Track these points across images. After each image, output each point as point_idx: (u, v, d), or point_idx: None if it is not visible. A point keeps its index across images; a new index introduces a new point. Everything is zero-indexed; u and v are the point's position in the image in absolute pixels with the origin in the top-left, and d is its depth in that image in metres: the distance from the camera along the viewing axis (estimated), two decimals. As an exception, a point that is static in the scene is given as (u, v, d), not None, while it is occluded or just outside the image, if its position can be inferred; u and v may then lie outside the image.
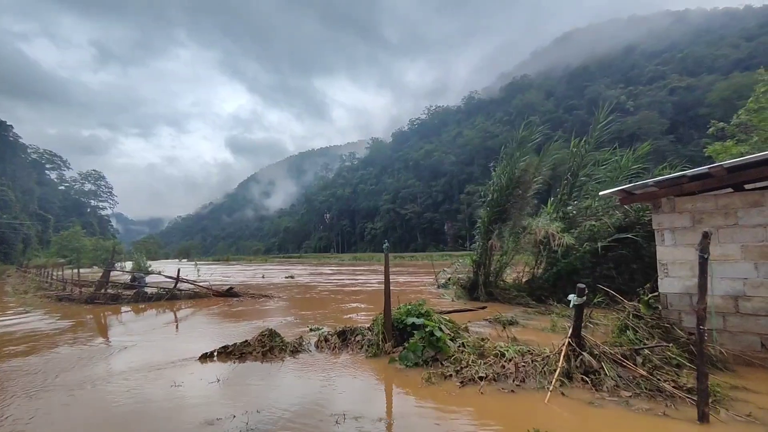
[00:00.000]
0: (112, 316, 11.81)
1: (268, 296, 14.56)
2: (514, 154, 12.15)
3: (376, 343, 6.36)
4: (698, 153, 38.56)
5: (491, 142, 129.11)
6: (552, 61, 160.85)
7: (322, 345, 6.79)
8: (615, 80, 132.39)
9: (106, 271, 14.36)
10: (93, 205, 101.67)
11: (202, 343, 7.47)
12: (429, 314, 6.50)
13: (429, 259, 36.76)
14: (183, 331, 9.11)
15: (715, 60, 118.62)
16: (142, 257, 24.62)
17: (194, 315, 11.56)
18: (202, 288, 14.92)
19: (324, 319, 9.73)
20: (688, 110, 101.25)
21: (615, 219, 10.63)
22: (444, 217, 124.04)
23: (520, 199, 12.23)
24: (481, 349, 5.74)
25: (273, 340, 6.74)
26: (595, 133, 11.71)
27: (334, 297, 14.97)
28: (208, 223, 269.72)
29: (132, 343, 7.59)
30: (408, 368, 5.46)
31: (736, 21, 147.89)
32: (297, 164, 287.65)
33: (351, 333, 7.03)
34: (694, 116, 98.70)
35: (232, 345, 6.53)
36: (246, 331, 8.53)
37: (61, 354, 6.99)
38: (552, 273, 11.16)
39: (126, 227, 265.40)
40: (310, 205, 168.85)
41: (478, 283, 12.48)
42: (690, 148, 72.54)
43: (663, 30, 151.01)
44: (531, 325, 8.64)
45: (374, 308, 11.36)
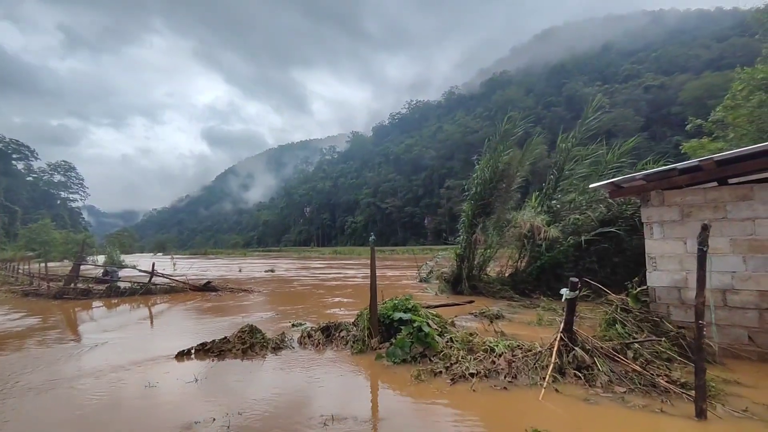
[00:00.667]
0: (83, 312, 11.29)
1: (248, 291, 14.18)
2: (497, 147, 12.07)
3: (361, 338, 6.15)
4: (671, 150, 39.43)
5: (471, 137, 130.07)
6: (531, 57, 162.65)
7: (306, 341, 6.55)
8: (592, 78, 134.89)
9: (75, 265, 13.72)
10: (63, 197, 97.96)
11: (179, 341, 7.14)
12: (416, 309, 6.33)
13: (411, 253, 36.80)
14: (158, 327, 8.72)
15: (687, 60, 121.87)
16: (115, 250, 23.69)
17: (170, 310, 11.14)
18: (178, 282, 14.42)
19: (306, 315, 9.48)
20: (661, 108, 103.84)
21: (598, 213, 10.69)
22: (424, 211, 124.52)
23: (504, 193, 12.18)
24: (470, 345, 5.61)
25: (254, 336, 6.47)
26: (582, 128, 11.72)
27: (316, 292, 14.70)
28: (184, 216, 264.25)
29: (104, 341, 7.19)
30: (396, 365, 5.28)
31: (707, 22, 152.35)
32: (276, 157, 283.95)
33: (335, 328, 6.81)
34: (667, 114, 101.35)
35: (211, 342, 6.23)
36: (225, 327, 8.21)
37: (28, 353, 6.55)
38: (536, 267, 11.15)
39: (98, 220, 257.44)
40: (289, 199, 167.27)
41: (461, 277, 12.40)
42: (663, 145, 74.14)
43: (638, 29, 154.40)
44: (517, 319, 8.58)
45: (357, 303, 11.16)
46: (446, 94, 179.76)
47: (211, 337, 7.03)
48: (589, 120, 11.65)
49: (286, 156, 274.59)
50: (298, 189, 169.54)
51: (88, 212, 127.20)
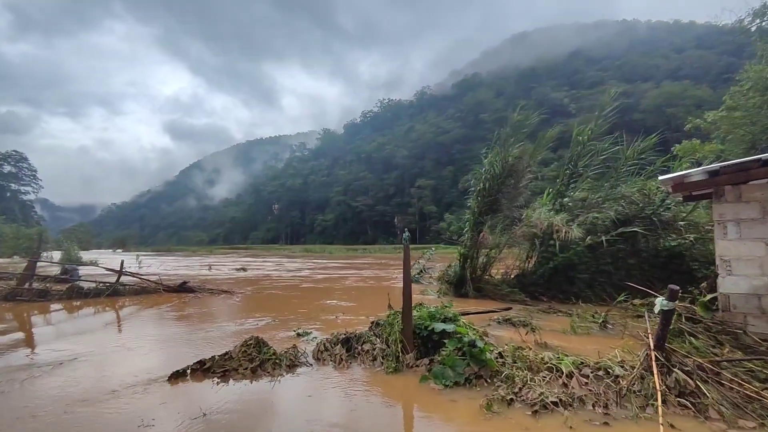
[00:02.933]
0: (39, 316, 9.75)
1: (229, 292, 12.84)
2: (507, 140, 11.33)
3: (392, 354, 5.19)
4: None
5: (443, 137, 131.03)
6: (502, 61, 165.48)
7: (323, 356, 5.51)
8: (560, 83, 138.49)
9: (31, 262, 12.00)
10: (13, 189, 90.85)
11: (164, 356, 5.97)
12: (457, 318, 5.42)
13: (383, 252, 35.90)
14: (134, 337, 7.36)
15: (648, 69, 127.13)
16: (73, 246, 21.59)
17: (144, 315, 9.74)
18: (150, 282, 12.93)
19: (306, 321, 8.39)
20: (624, 115, 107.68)
21: (615, 212, 10.12)
22: (395, 210, 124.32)
23: (512, 189, 11.46)
24: (527, 362, 4.75)
25: (261, 351, 5.38)
26: (598, 120, 11.15)
27: (305, 294, 13.52)
28: (146, 211, 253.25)
29: (70, 356, 5.88)
30: (447, 389, 4.34)
31: (667, 34, 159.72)
32: (244, 153, 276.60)
33: (356, 340, 5.80)
34: (629, 120, 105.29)
35: (210, 359, 5.10)
36: (216, 337, 7.04)
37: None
38: (548, 268, 10.48)
39: (53, 214, 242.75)
40: (258, 195, 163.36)
41: (465, 278, 11.61)
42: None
43: (604, 39, 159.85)
44: (544, 326, 7.79)
45: (357, 307, 10.18)
46: (418, 94, 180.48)
47: (202, 349, 5.97)
48: (606, 112, 11.08)
49: (254, 151, 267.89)
50: (267, 186, 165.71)
51: (41, 206, 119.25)
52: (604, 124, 11.17)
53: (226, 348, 6.08)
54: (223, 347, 6.17)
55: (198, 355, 5.76)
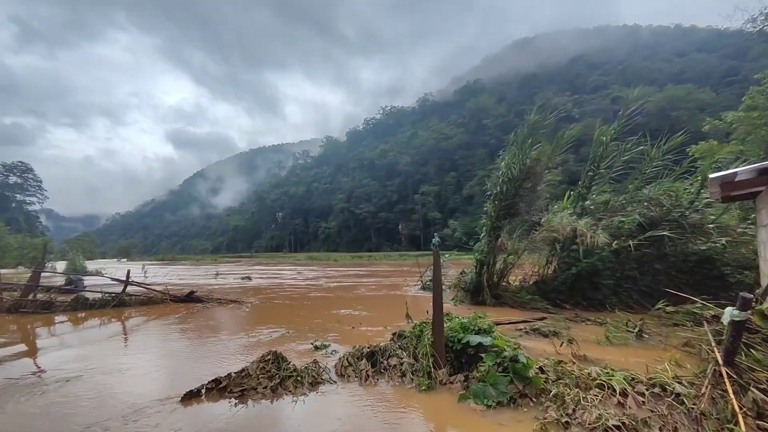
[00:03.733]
0: (44, 328, 9.37)
1: (238, 302, 12.43)
2: (524, 141, 10.95)
3: (423, 369, 4.79)
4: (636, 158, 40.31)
5: (446, 143, 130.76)
6: (503, 67, 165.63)
7: (347, 372, 5.11)
8: (562, 88, 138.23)
9: (35, 273, 11.63)
10: (19, 199, 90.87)
11: (175, 371, 5.58)
12: (491, 330, 5.02)
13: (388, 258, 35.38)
14: (142, 351, 6.98)
15: (651, 73, 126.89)
16: (78, 256, 21.24)
17: (151, 327, 9.33)
18: (156, 292, 12.55)
19: (322, 332, 7.98)
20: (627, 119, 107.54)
21: (640, 215, 9.71)
22: (398, 217, 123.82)
23: (530, 192, 11.07)
24: (572, 378, 4.34)
25: (280, 367, 4.99)
26: (621, 120, 10.77)
27: (317, 303, 13.08)
28: (149, 221, 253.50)
29: (75, 373, 5.50)
30: (490, 409, 3.93)
31: (668, 39, 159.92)
32: (247, 161, 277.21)
33: (381, 354, 5.40)
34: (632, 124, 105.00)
35: (226, 377, 4.71)
36: (230, 350, 6.64)
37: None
38: (570, 274, 10.04)
39: (57, 224, 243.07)
40: (261, 204, 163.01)
41: (482, 285, 11.19)
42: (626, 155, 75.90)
43: (605, 43, 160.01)
44: (575, 336, 7.36)
45: (373, 316, 9.77)
46: (420, 101, 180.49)
47: (214, 364, 5.60)
48: (630, 111, 10.69)
49: (257, 160, 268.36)
50: (270, 194, 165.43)
51: (46, 216, 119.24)
52: (627, 124, 10.77)
53: (241, 363, 5.71)
54: (237, 363, 5.80)
55: (211, 372, 5.38)
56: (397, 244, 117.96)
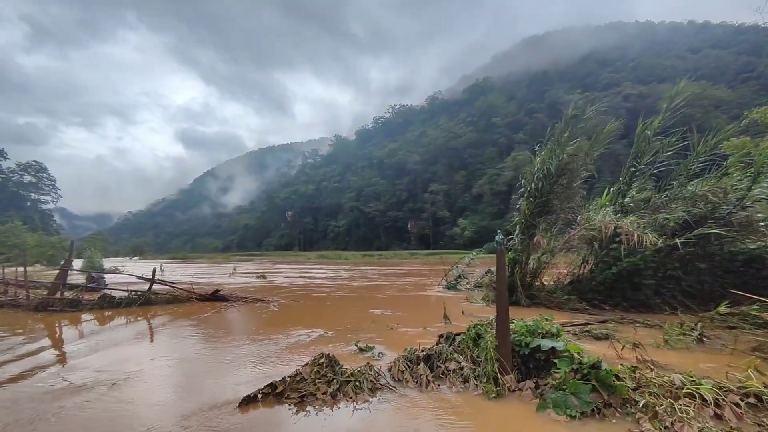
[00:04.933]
0: (74, 328, 9.23)
1: (265, 301, 12.23)
2: (560, 136, 10.61)
3: (489, 374, 4.51)
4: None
5: (455, 142, 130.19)
6: (512, 65, 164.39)
7: (404, 376, 4.85)
8: (573, 86, 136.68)
9: (62, 271, 11.52)
10: (34, 198, 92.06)
11: (221, 374, 5.35)
12: (560, 333, 4.73)
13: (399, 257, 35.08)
14: (180, 352, 6.72)
15: (664, 70, 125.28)
16: (96, 254, 21.23)
17: (183, 327, 9.11)
18: (182, 291, 12.40)
19: (361, 333, 7.72)
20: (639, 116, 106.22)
21: (684, 212, 9.33)
22: (408, 216, 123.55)
23: (565, 189, 10.73)
24: (654, 386, 4.04)
25: (334, 370, 4.76)
26: (666, 113, 10.38)
27: (345, 303, 12.76)
28: (161, 219, 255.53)
29: (121, 375, 5.28)
30: (574, 420, 3.66)
31: (681, 35, 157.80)
32: (257, 160, 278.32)
33: (437, 357, 5.14)
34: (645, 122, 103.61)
35: (281, 381, 4.47)
36: (271, 352, 6.42)
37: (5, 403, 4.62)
38: (610, 274, 9.69)
39: (71, 223, 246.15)
40: (271, 203, 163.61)
41: (516, 285, 10.88)
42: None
43: (617, 40, 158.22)
44: (626, 339, 7.03)
45: (407, 317, 9.51)
46: (429, 99, 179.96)
47: (258, 367, 5.43)
48: (675, 104, 10.29)
49: (267, 159, 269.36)
50: (280, 192, 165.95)
51: (59, 215, 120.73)
52: (672, 117, 10.36)
53: (286, 366, 5.52)
54: (283, 365, 5.59)
55: (258, 374, 5.19)
56: (406, 242, 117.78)
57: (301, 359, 5.84)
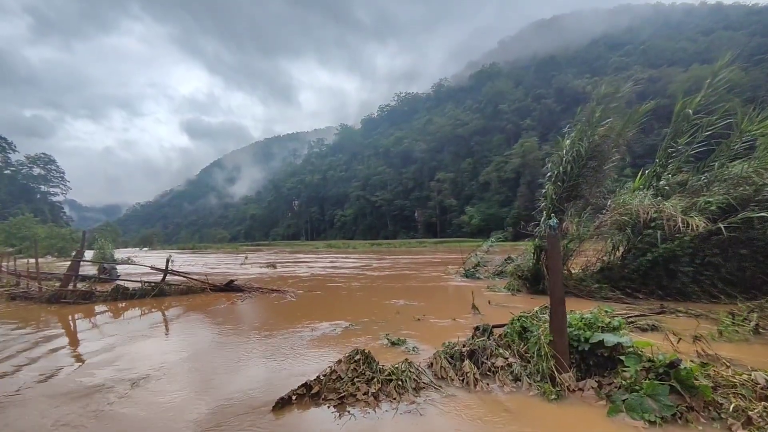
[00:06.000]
0: (87, 320, 8.91)
1: (280, 291, 11.88)
2: (591, 116, 10.07)
3: (543, 373, 4.10)
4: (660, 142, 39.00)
5: (461, 129, 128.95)
6: (520, 50, 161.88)
7: (447, 373, 4.45)
8: (581, 70, 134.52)
9: (74, 262, 11.21)
10: (43, 190, 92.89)
11: (246, 371, 4.98)
12: (621, 327, 4.30)
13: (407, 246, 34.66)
14: (199, 346, 6.29)
15: (674, 53, 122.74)
16: (107, 245, 21.02)
17: (201, 319, 8.75)
18: (196, 281, 12.09)
19: (387, 324, 7.33)
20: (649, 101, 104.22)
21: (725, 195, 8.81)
22: (414, 204, 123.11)
23: (595, 173, 10.21)
24: (737, 385, 3.61)
25: (371, 367, 4.37)
26: (708, 89, 9.78)
27: (363, 293, 12.32)
28: (168, 210, 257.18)
29: (141, 373, 4.93)
30: (655, 426, 3.24)
31: (692, 17, 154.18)
32: (263, 150, 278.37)
33: (481, 353, 4.73)
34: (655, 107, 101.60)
35: (316, 380, 4.09)
36: (298, 345, 6.04)
37: (22, 407, 4.27)
38: (645, 261, 9.21)
39: (80, 214, 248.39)
40: (277, 192, 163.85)
41: (542, 273, 10.44)
42: (652, 137, 73.28)
43: (625, 23, 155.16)
44: (675, 330, 6.58)
45: (432, 308, 9.12)
46: (435, 87, 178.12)
47: (287, 362, 5.12)
48: (717, 79, 9.68)
49: (273, 149, 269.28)
50: (286, 182, 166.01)
51: (69, 206, 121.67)
52: (713, 95, 9.77)
53: (315, 361, 5.16)
54: (312, 361, 5.23)
55: (284, 371, 4.84)
56: (413, 231, 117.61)
57: (331, 354, 5.48)
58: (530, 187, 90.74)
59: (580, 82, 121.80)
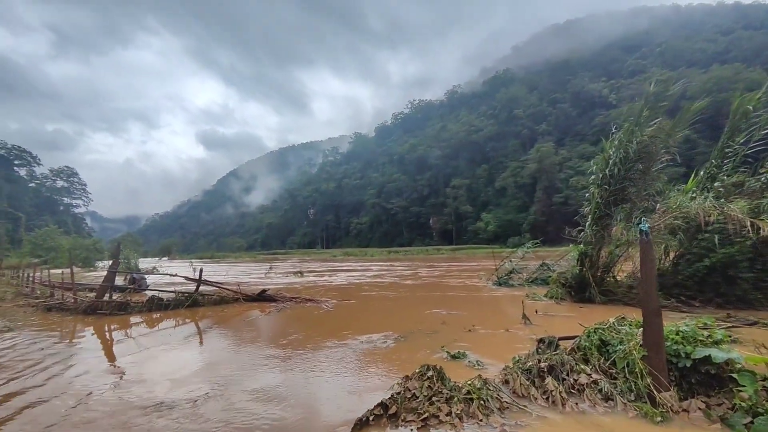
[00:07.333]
0: (128, 332, 8.69)
1: (315, 301, 11.64)
2: (639, 117, 9.67)
3: (639, 391, 3.75)
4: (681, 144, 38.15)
5: (476, 135, 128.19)
6: (534, 55, 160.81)
7: (528, 391, 4.12)
8: (597, 74, 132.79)
9: (110, 273, 11.15)
10: (66, 202, 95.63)
11: (306, 388, 4.71)
12: (724, 340, 3.92)
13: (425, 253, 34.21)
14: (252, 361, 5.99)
15: (693, 54, 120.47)
16: (132, 255, 21.16)
17: (239, 330, 8.54)
18: (229, 291, 11.94)
19: (436, 335, 7.02)
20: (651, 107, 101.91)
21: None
22: (430, 211, 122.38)
23: (642, 175, 9.78)
24: None
25: (445, 385, 4.07)
26: None
27: (400, 302, 12.00)
28: (186, 220, 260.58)
29: (200, 390, 4.68)
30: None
31: (710, 16, 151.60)
32: (278, 159, 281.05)
33: (560, 367, 4.39)
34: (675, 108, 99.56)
35: (391, 399, 3.80)
36: (352, 359, 5.76)
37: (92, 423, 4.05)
38: (701, 266, 8.74)
39: (101, 225, 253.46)
40: (293, 201, 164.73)
41: (586, 280, 10.01)
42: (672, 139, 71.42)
43: (641, 25, 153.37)
44: (746, 341, 6.10)
45: (475, 317, 8.77)
46: (449, 93, 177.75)
47: (346, 379, 4.79)
48: None
49: (288, 158, 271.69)
50: (302, 191, 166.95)
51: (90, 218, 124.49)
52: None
53: (377, 377, 4.90)
54: (374, 376, 4.95)
55: (349, 387, 4.56)
56: (429, 238, 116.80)
57: (390, 369, 5.20)
58: (547, 192, 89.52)
59: (597, 86, 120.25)
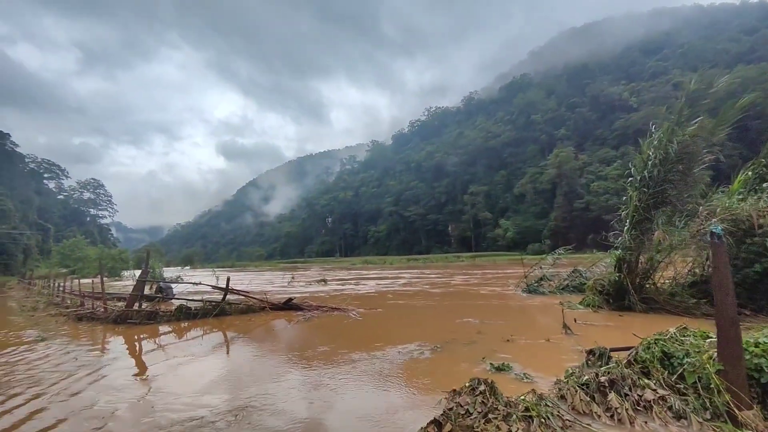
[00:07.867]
0: (161, 343, 8.56)
1: (342, 309, 11.46)
2: (679, 116, 9.27)
3: (716, 409, 3.43)
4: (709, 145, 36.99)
5: (493, 141, 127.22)
6: (551, 59, 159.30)
7: (590, 408, 3.83)
8: (616, 77, 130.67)
9: (139, 282, 11.21)
10: (93, 213, 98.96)
11: (349, 401, 4.50)
12: (810, 352, 3.57)
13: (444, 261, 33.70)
14: (287, 372, 5.78)
15: (716, 54, 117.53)
16: (157, 264, 21.36)
17: (270, 340, 8.40)
18: (255, 300, 11.86)
19: (474, 346, 6.75)
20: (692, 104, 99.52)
21: None
22: (448, 219, 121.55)
23: (683, 176, 9.35)
24: None
25: (499, 400, 3.81)
26: None
27: (430, 311, 11.73)
28: (207, 230, 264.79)
29: (239, 401, 4.52)
30: None
31: (733, 16, 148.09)
32: (296, 169, 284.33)
33: (622, 382, 4.08)
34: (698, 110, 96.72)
35: (443, 416, 3.57)
36: (393, 371, 5.51)
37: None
38: (751, 272, 8.26)
39: (126, 236, 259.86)
40: (311, 210, 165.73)
41: (624, 287, 9.59)
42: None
43: (661, 27, 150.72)
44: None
45: (510, 327, 8.46)
46: (465, 100, 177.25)
47: (390, 392, 4.55)
48: None
49: (306, 167, 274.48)
50: (320, 200, 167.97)
51: (115, 228, 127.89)
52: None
53: (423, 391, 4.64)
54: (419, 390, 4.70)
55: (397, 401, 4.32)
56: (447, 245, 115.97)
57: (434, 381, 4.95)
58: (568, 198, 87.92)
59: (617, 89, 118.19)
